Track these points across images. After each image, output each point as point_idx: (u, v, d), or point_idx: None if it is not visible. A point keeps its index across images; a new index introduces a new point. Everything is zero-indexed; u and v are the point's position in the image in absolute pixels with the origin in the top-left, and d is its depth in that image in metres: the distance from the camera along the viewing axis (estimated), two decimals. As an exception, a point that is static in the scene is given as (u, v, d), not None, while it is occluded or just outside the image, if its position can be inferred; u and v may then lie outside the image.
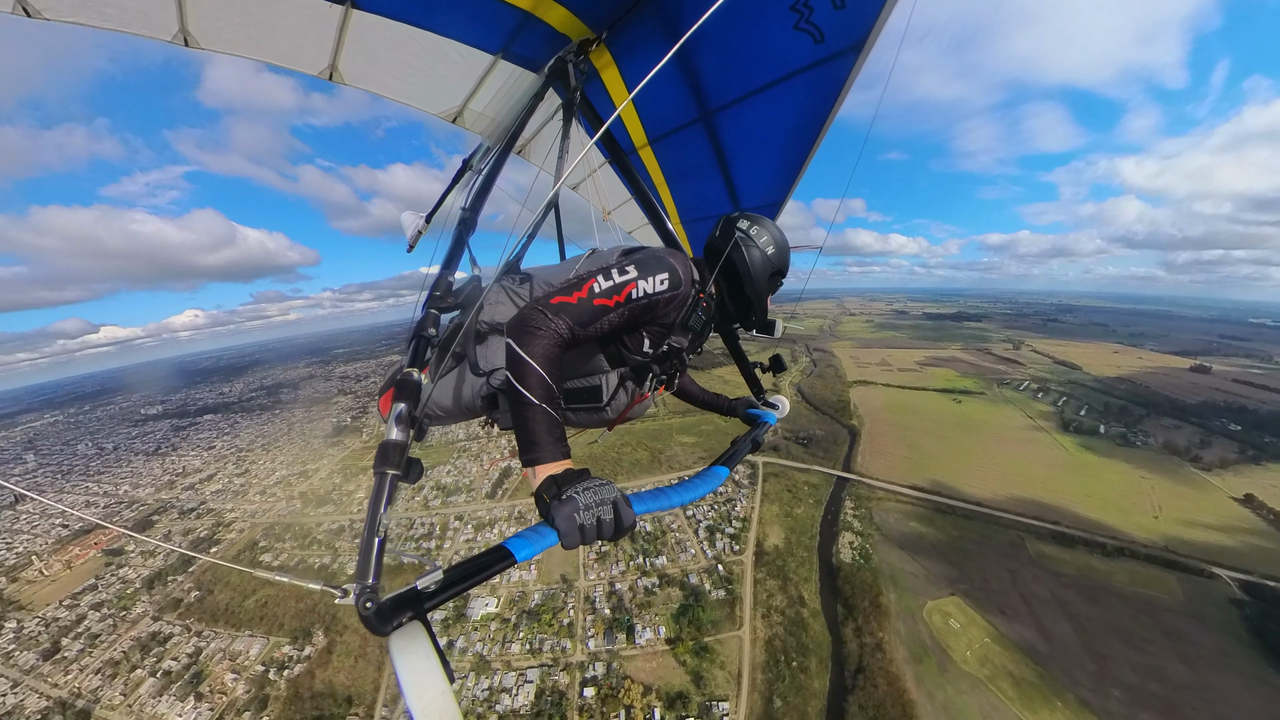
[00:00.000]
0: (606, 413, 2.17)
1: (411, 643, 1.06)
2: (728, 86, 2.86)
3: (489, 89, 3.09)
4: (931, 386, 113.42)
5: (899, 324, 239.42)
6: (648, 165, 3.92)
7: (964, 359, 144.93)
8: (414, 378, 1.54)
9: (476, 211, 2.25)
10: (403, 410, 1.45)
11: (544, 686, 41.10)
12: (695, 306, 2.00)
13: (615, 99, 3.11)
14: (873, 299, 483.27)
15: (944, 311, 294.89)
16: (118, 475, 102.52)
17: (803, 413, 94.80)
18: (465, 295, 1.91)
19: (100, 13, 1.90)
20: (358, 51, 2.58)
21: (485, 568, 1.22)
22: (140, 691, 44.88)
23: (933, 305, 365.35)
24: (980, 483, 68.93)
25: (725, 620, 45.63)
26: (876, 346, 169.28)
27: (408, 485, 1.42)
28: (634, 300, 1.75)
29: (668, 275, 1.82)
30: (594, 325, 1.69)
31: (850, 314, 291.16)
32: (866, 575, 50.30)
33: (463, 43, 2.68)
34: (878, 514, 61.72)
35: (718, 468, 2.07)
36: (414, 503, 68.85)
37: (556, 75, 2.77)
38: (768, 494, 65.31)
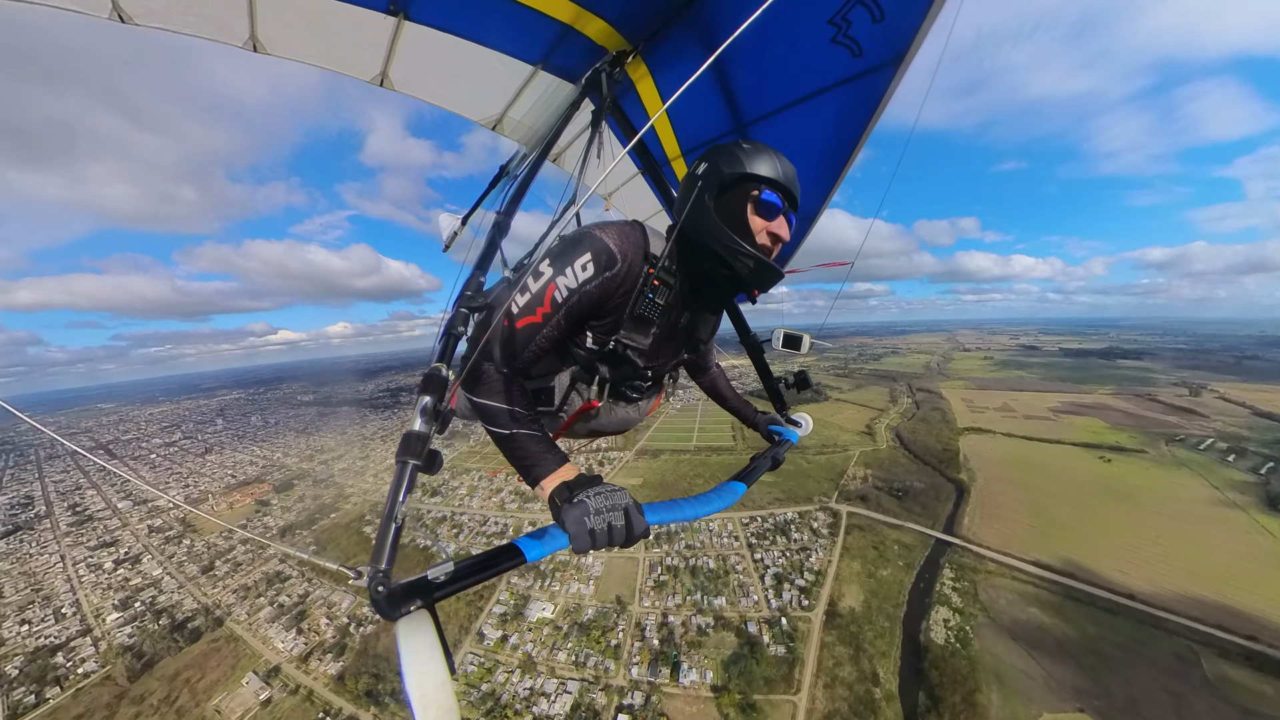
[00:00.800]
0: (560, 416, 2.02)
1: (417, 631, 1.07)
2: (763, 99, 2.83)
3: (528, 98, 3.17)
4: (1069, 440, 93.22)
5: (1027, 361, 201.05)
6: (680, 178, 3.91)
7: (1117, 406, 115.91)
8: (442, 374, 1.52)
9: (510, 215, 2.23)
10: (428, 403, 1.43)
11: (581, 701, 40.92)
12: (645, 286, 1.69)
13: (650, 110, 3.12)
14: (993, 331, 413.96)
15: (1088, 346, 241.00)
16: (275, 444, 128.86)
17: (900, 461, 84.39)
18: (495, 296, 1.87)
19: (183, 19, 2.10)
20: (407, 60, 2.70)
21: (494, 564, 1.25)
22: (259, 615, 54.59)
23: (1073, 339, 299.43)
24: (1135, 570, 54.60)
25: (780, 680, 41.25)
26: (996, 388, 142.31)
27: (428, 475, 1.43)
28: (560, 304, 1.57)
29: (589, 257, 1.57)
30: (531, 347, 1.58)
31: (964, 349, 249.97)
32: (962, 664, 42.15)
33: (505, 54, 2.78)
34: (985, 590, 51.81)
35: (734, 483, 1.96)
36: (491, 502, 73.96)
37: (593, 86, 2.80)
38: (849, 548, 58.58)
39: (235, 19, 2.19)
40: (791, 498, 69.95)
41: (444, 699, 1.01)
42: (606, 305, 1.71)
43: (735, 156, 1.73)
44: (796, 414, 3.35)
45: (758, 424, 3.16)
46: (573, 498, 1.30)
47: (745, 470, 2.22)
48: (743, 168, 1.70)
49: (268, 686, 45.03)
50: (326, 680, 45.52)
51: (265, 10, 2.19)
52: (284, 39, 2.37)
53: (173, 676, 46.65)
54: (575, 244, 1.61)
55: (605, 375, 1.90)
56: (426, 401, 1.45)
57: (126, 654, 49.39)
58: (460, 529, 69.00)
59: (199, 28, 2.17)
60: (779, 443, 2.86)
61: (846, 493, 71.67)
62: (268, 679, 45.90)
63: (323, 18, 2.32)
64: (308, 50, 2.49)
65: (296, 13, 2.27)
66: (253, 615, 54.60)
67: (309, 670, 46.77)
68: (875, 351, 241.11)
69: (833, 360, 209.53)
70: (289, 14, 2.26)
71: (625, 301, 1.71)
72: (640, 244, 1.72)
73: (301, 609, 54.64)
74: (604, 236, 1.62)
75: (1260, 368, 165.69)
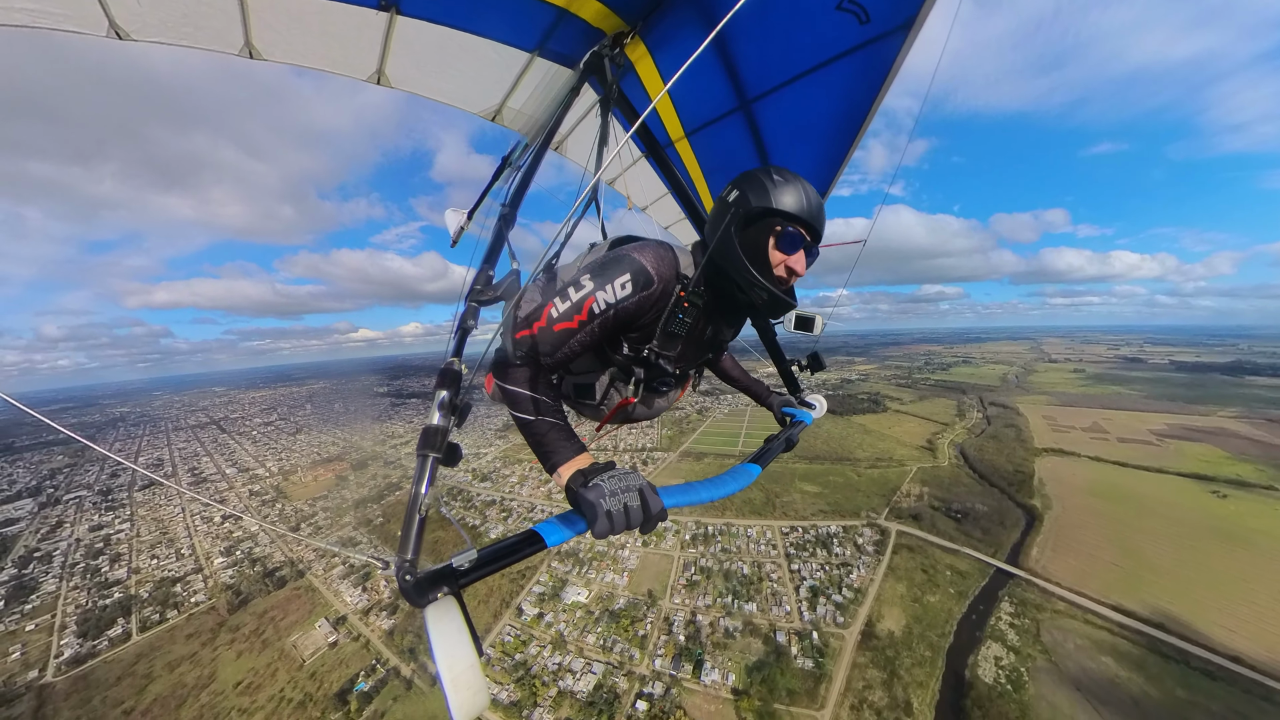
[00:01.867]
0: (602, 409, 2.18)
1: (445, 616, 1.11)
2: (767, 73, 2.72)
3: (526, 86, 3.10)
4: (1175, 469, 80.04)
5: (1127, 376, 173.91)
6: (684, 158, 3.77)
7: (1241, 432, 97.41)
8: (455, 367, 1.59)
9: (516, 207, 2.24)
10: (444, 397, 1.49)
11: (604, 683, 42.18)
12: (676, 308, 1.80)
13: (651, 92, 3.02)
14: (1087, 340, 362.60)
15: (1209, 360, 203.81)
16: (353, 429, 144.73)
17: (962, 480, 77.37)
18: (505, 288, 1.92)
19: (178, 32, 2.10)
20: (402, 55, 2.66)
21: (516, 550, 1.29)
22: (333, 572, 62.12)
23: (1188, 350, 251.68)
24: (1246, 629, 46.44)
25: (804, 695, 39.87)
26: (1086, 405, 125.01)
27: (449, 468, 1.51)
28: (597, 315, 1.66)
29: (629, 276, 1.67)
30: (563, 350, 1.66)
31: (1050, 360, 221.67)
32: (1011, 708, 38.38)
33: (500, 42, 2.71)
34: (1050, 631, 46.55)
35: (749, 465, 1.99)
36: (539, 491, 77.37)
37: (592, 70, 2.73)
38: (895, 568, 55.00)
39: (229, 27, 2.19)
40: (838, 510, 66.68)
41: (474, 680, 1.04)
42: (640, 320, 1.80)
43: (764, 188, 1.75)
44: (810, 396, 3.30)
45: (771, 404, 3.11)
46: (587, 483, 1.33)
47: (759, 452, 2.22)
48: (769, 202, 1.73)
49: (335, 631, 51.06)
50: (380, 633, 50.62)
51: (258, 16, 2.17)
52: (278, 43, 2.36)
53: (261, 614, 54.27)
54: (617, 263, 1.69)
55: (640, 376, 2.02)
56: (443, 396, 1.49)
57: (228, 591, 58.66)
58: (509, 513, 72.98)
59: (194, 38, 2.17)
60: (793, 424, 2.83)
61: (898, 510, 66.99)
62: (335, 625, 52.01)
63: (315, 19, 2.30)
64: (302, 53, 2.47)
65: (288, 16, 2.25)
66: (328, 571, 62.10)
67: (368, 623, 52.31)
68: (944, 360, 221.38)
69: (894, 369, 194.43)
70: (281, 18, 2.24)
71: (657, 318, 1.82)
72: (673, 265, 1.81)
73: (367, 570, 61.21)
74: (642, 259, 1.70)
75: None
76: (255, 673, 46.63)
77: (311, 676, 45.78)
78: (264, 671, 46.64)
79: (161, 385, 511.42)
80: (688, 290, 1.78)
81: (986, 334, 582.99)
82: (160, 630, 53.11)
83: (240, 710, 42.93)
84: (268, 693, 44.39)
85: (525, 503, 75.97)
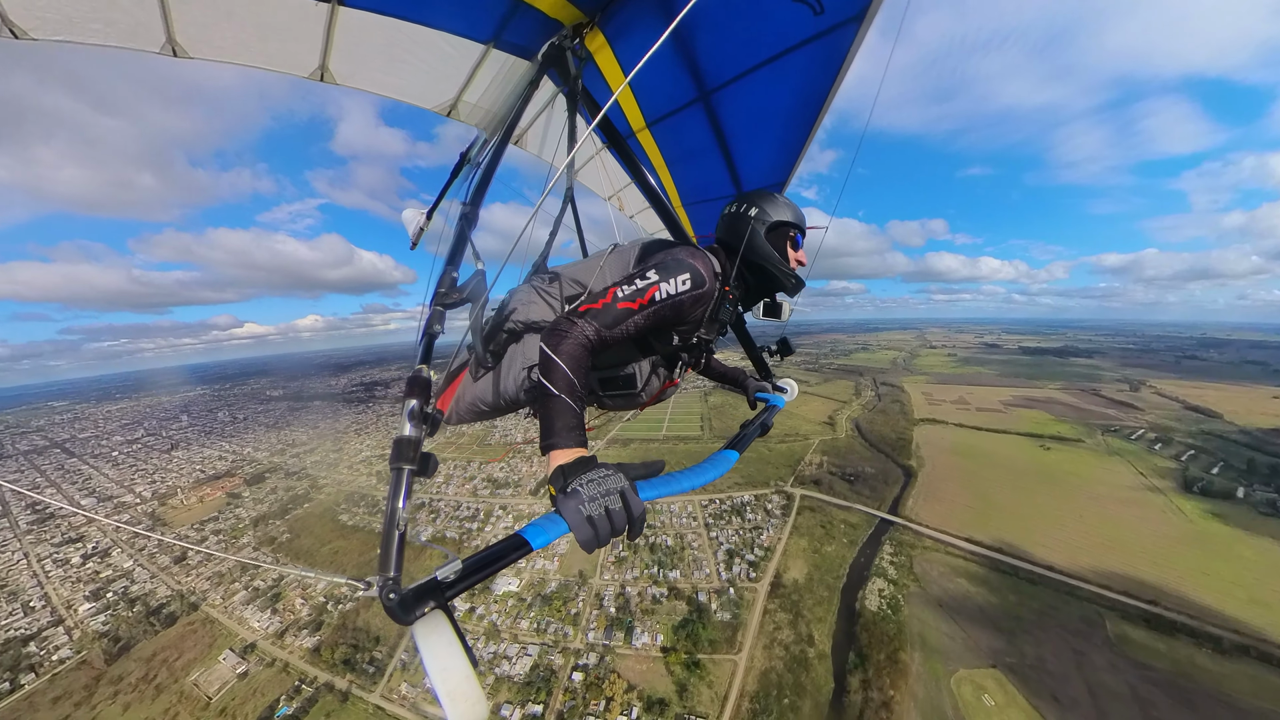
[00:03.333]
0: (641, 397, 2.29)
1: (435, 631, 1.06)
2: (725, 64, 2.69)
3: (482, 80, 2.97)
4: (1015, 430, 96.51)
5: (987, 358, 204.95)
6: (647, 149, 3.73)
7: (1063, 400, 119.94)
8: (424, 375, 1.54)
9: (477, 205, 2.17)
10: (415, 407, 1.44)
11: (540, 663, 42.42)
12: (722, 300, 2.08)
13: (611, 83, 2.95)
14: (959, 330, 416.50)
15: (1046, 345, 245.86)
16: (244, 439, 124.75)
17: (856, 449, 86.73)
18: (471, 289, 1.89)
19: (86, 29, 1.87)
20: (347, 50, 2.49)
21: (502, 556, 1.22)
22: (234, 599, 55.06)
23: (1032, 338, 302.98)
24: (1058, 545, 57.29)
25: (724, 642, 43.05)
26: (955, 383, 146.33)
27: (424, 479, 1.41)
28: (658, 302, 1.80)
29: (689, 275, 1.86)
30: (620, 328, 1.75)
31: (930, 347, 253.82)
32: (891, 627, 44.27)
33: (453, 33, 2.57)
34: (920, 564, 54.13)
35: (727, 451, 2.04)
36: (465, 489, 74.87)
37: (550, 62, 2.66)
38: (799, 527, 60.63)
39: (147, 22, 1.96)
40: (750, 482, 71.82)
41: (471, 690, 1.01)
42: (689, 315, 1.98)
43: (778, 206, 2.21)
44: (782, 380, 3.34)
45: (746, 388, 3.18)
46: (567, 486, 1.26)
47: (736, 438, 2.26)
48: (786, 217, 2.20)
49: (244, 661, 45.52)
50: (303, 653, 46.26)
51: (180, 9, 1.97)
52: (205, 39, 2.14)
53: (150, 657, 46.75)
54: (678, 264, 1.88)
55: (685, 360, 2.25)
56: (413, 405, 1.41)
57: (102, 639, 48.70)
58: (437, 514, 69.89)
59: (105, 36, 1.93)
60: (767, 409, 2.88)
61: (802, 477, 73.80)
62: (244, 654, 46.46)
63: (247, 11, 2.12)
64: (234, 49, 2.26)
65: (215, 9, 2.06)
66: (227, 599, 54.86)
67: (284, 645, 47.48)
68: (846, 348, 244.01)
69: (804, 356, 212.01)
70: (207, 11, 2.04)
71: (705, 310, 2.04)
72: (712, 267, 2.06)
73: (276, 592, 55.15)
74: (696, 264, 1.91)
75: (1197, 366, 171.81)
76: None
77: (222, 713, 40.82)
78: (161, 719, 40.75)
79: None
80: (731, 284, 2.13)
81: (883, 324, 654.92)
82: (13, 700, 43.32)
83: None
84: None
85: (452, 501, 73.08)
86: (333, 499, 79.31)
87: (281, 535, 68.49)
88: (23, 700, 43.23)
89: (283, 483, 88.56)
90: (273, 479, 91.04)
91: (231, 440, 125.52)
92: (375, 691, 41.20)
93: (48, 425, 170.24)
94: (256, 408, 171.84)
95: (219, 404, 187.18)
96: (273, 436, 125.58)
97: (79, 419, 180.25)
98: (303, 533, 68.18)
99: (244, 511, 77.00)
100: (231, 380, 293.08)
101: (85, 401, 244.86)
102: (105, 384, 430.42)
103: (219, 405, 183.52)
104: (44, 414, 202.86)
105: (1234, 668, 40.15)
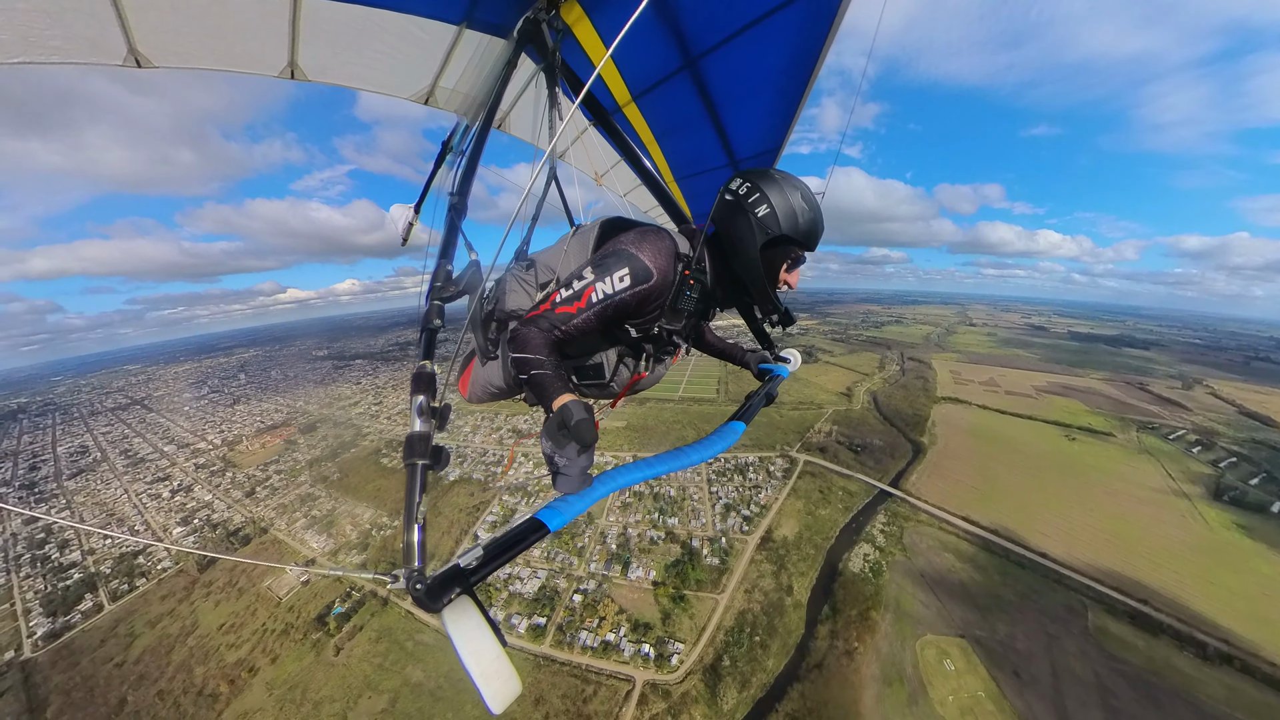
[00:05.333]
0: (612, 387, 2.18)
1: (463, 615, 1.07)
2: (710, 28, 2.50)
3: (458, 63, 2.78)
4: (1042, 416, 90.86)
5: (1030, 341, 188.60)
6: (634, 123, 3.49)
7: (1103, 391, 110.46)
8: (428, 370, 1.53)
9: (464, 195, 2.06)
10: (422, 402, 1.44)
11: (547, 585, 47.29)
12: (682, 288, 1.85)
13: (592, 56, 2.75)
14: (1007, 309, 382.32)
15: (1099, 332, 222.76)
16: (296, 394, 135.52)
17: (869, 421, 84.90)
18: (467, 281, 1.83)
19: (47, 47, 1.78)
20: (315, 43, 2.35)
21: (521, 540, 1.24)
22: (296, 525, 63.60)
23: (1085, 323, 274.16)
24: (1058, 534, 55.79)
25: (710, 583, 46.10)
26: (988, 364, 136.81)
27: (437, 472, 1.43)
28: (595, 304, 1.70)
29: (628, 271, 1.72)
30: (566, 326, 1.71)
31: (970, 324, 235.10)
32: (868, 588, 45.74)
33: (422, 16, 2.41)
34: (911, 536, 54.44)
35: (734, 423, 1.99)
36: (491, 438, 79.67)
37: (527, 38, 2.51)
38: (797, 489, 61.63)
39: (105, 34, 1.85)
40: (758, 445, 72.58)
41: (503, 669, 1.02)
42: (646, 308, 1.83)
43: (792, 215, 1.76)
44: (785, 350, 3.21)
45: (748, 363, 3.05)
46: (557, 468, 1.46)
47: (742, 409, 2.20)
48: (795, 234, 1.78)
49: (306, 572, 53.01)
50: (352, 567, 53.17)
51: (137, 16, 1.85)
52: (168, 46, 2.02)
53: (232, 568, 55.52)
54: (616, 258, 1.72)
55: (650, 351, 2.07)
56: (420, 400, 1.42)
57: None
58: (464, 459, 74.84)
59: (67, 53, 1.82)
60: (771, 379, 2.80)
61: (809, 444, 73.77)
62: (305, 566, 54.01)
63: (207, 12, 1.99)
64: (199, 54, 2.15)
65: (174, 13, 1.92)
66: (290, 525, 63.38)
67: (338, 561, 55.33)
68: (879, 319, 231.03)
69: (833, 325, 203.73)
70: (166, 16, 1.91)
71: (664, 300, 1.85)
72: (671, 253, 1.83)
73: (329, 519, 63.05)
74: (640, 255, 1.73)
75: (1267, 370, 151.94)
76: (235, 615, 48.59)
77: (290, 610, 48.35)
78: (244, 613, 48.70)
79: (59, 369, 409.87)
80: (691, 269, 1.84)
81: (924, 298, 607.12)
82: (133, 597, 52.64)
83: (228, 645, 45.01)
84: (250, 628, 46.69)
85: (479, 448, 77.02)
86: (375, 445, 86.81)
87: (333, 475, 76.45)
88: (138, 598, 53.13)
89: (332, 431, 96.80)
90: (323, 428, 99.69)
91: (285, 395, 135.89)
92: (407, 600, 47.24)
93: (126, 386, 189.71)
94: (305, 366, 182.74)
95: (271, 364, 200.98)
96: (321, 391, 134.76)
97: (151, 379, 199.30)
98: (350, 473, 75.91)
99: (300, 455, 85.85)
100: (280, 342, 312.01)
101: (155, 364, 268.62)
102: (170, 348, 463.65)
103: (271, 365, 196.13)
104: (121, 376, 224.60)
105: (1212, 675, 39.30)
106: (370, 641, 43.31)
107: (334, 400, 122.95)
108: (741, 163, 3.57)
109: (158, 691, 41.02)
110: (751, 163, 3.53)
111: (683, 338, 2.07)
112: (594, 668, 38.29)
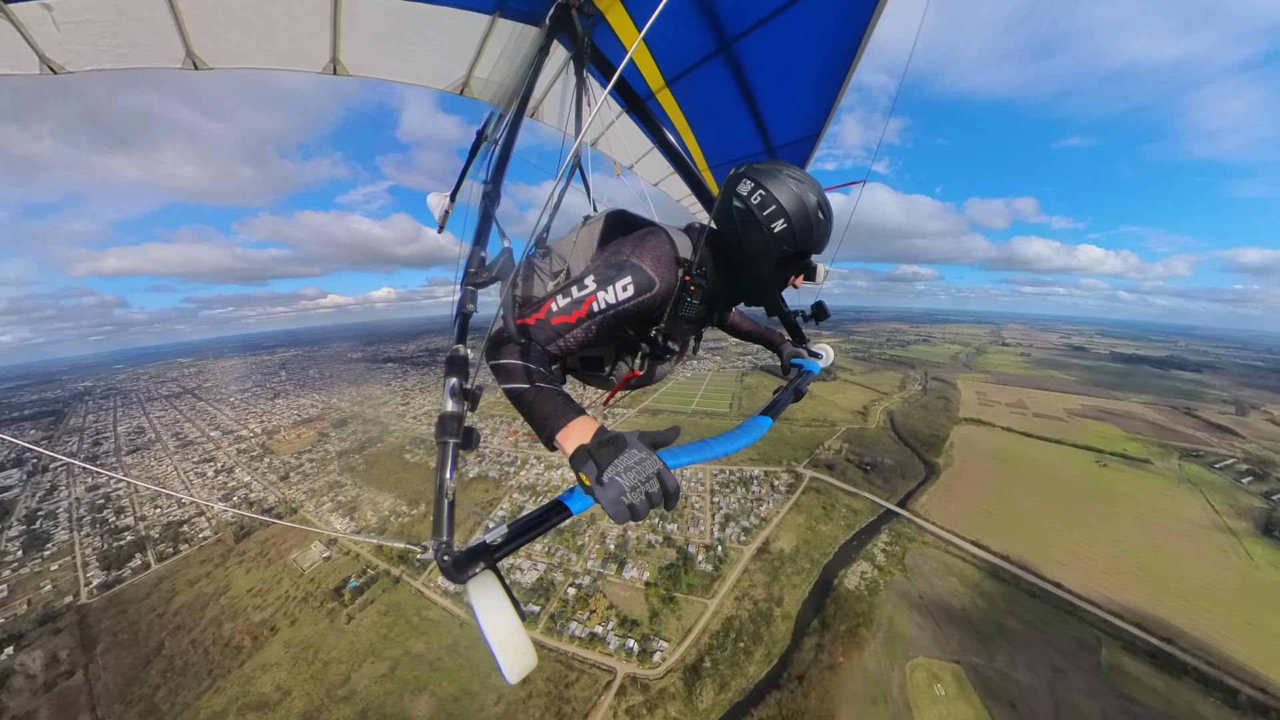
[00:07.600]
0: (611, 379, 2.13)
1: (486, 588, 1.09)
2: (746, 10, 2.42)
3: (491, 52, 2.81)
4: (1072, 441, 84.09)
5: (1066, 362, 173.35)
6: (668, 109, 3.42)
7: (1144, 416, 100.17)
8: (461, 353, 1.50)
9: (498, 183, 2.00)
10: (455, 384, 1.42)
11: (545, 577, 48.76)
12: (683, 294, 1.72)
13: (625, 41, 2.69)
14: (1045, 328, 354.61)
15: (1145, 353, 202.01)
16: (330, 391, 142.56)
17: (883, 440, 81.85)
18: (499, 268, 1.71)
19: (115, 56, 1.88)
20: (355, 39, 2.41)
21: (543, 521, 1.27)
22: (323, 508, 68.18)
23: (1131, 344, 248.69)
24: (1077, 565, 51.78)
25: (701, 588, 46.13)
26: (1018, 385, 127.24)
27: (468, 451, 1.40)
28: (595, 314, 1.59)
29: (630, 281, 1.60)
30: (558, 342, 1.59)
31: (1003, 344, 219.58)
32: (862, 606, 44.29)
33: (456, 7, 2.44)
34: (914, 557, 52.18)
35: (761, 418, 1.93)
36: (506, 441, 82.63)
37: (559, 25, 2.45)
38: (800, 504, 60.47)
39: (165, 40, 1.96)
40: (764, 459, 71.67)
41: (520, 642, 1.04)
42: (647, 317, 1.74)
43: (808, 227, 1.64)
44: (817, 345, 3.07)
45: (781, 353, 2.95)
46: (602, 476, 1.11)
47: (769, 405, 2.13)
48: (810, 248, 1.69)
49: (329, 549, 57.99)
50: (369, 548, 57.63)
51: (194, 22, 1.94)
52: (221, 48, 2.12)
53: (264, 541, 60.41)
54: (619, 269, 1.63)
55: (646, 351, 1.97)
56: (453, 383, 1.42)
57: (230, 526, 64.82)
58: (482, 457, 78.00)
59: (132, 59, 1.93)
60: (801, 375, 2.69)
61: (817, 461, 72.11)
62: (328, 544, 58.93)
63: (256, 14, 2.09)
64: (250, 54, 2.23)
65: (227, 16, 2.01)
66: (318, 507, 68.54)
67: (357, 542, 58.74)
68: (906, 338, 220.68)
69: (856, 343, 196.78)
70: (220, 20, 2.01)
71: (665, 308, 1.74)
72: (672, 259, 1.74)
73: (354, 505, 67.92)
74: (642, 264, 1.65)
75: None
76: (263, 581, 53.04)
77: (311, 580, 52.40)
78: (271, 580, 53.17)
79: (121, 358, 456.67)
80: (692, 274, 1.73)
81: (956, 316, 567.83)
82: (176, 559, 58.66)
83: (255, 607, 49.33)
84: (276, 594, 50.85)
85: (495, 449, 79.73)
86: (400, 441, 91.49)
87: (359, 466, 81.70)
88: (180, 560, 58.75)
89: (361, 427, 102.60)
90: (353, 424, 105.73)
91: (321, 392, 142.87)
92: (418, 580, 50.35)
93: (179, 377, 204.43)
94: (340, 366, 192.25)
95: (310, 363, 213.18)
96: (353, 390, 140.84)
97: (202, 372, 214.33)
98: (375, 465, 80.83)
99: (331, 447, 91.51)
100: (318, 343, 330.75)
101: (206, 358, 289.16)
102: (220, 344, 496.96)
103: (310, 364, 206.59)
104: (175, 368, 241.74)
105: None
106: (379, 614, 46.06)
107: (365, 399, 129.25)
108: (778, 150, 3.49)
109: (191, 640, 45.31)
110: (788, 150, 3.44)
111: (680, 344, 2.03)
112: (579, 656, 39.18)
